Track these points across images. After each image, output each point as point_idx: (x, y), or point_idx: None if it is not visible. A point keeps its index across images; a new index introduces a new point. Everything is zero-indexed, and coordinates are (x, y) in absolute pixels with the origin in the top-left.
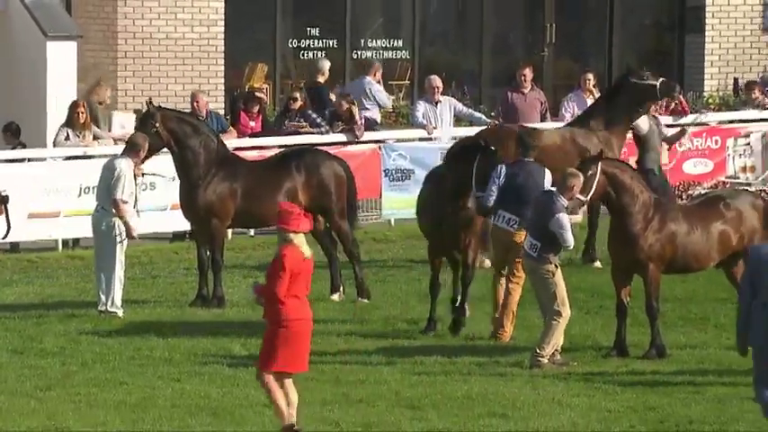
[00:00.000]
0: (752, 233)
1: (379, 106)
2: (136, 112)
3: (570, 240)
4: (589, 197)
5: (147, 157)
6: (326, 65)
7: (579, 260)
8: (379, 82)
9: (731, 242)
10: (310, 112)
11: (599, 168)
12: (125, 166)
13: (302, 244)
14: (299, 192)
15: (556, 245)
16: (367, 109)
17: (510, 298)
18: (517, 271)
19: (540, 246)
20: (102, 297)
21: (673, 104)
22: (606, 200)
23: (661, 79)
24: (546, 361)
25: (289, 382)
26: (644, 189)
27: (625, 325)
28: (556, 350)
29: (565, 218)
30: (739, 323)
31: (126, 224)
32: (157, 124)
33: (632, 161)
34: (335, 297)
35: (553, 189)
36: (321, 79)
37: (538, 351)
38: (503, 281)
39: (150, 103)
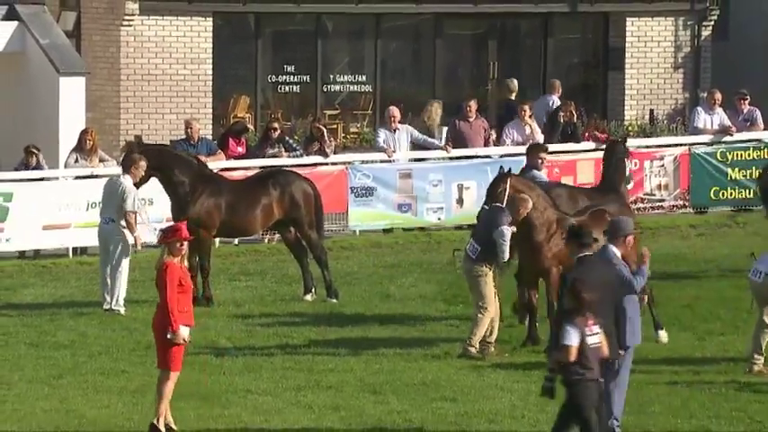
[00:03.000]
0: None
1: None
2: (136, 137)
3: (506, 253)
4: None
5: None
6: (515, 84)
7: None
8: (560, 99)
9: None
10: (287, 138)
11: (508, 184)
12: (129, 182)
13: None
14: (273, 206)
15: (493, 254)
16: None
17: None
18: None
19: (480, 251)
20: (107, 297)
21: (595, 132)
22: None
23: None
24: (474, 350)
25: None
26: (548, 206)
27: (535, 321)
28: (489, 342)
29: (507, 231)
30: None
31: (135, 238)
32: (140, 162)
33: None
34: (308, 297)
35: (502, 206)
36: (512, 96)
37: (468, 341)
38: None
39: (138, 139)
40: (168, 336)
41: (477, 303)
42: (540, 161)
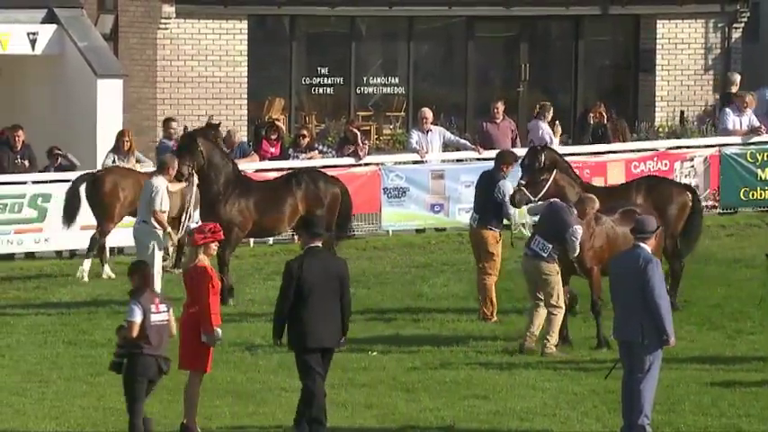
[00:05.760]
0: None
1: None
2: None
3: (577, 250)
4: (538, 198)
5: (191, 174)
6: (737, 77)
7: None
8: None
9: None
10: (317, 144)
11: (552, 176)
12: (160, 183)
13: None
14: (298, 205)
15: (563, 252)
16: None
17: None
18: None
19: (552, 248)
20: None
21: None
22: None
23: None
24: (554, 349)
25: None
26: None
27: (566, 321)
28: (533, 334)
29: (580, 230)
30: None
31: (169, 234)
32: (201, 146)
33: None
34: None
35: (566, 204)
36: (733, 89)
37: (548, 339)
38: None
39: (193, 130)
40: (204, 339)
41: (550, 302)
42: (503, 170)
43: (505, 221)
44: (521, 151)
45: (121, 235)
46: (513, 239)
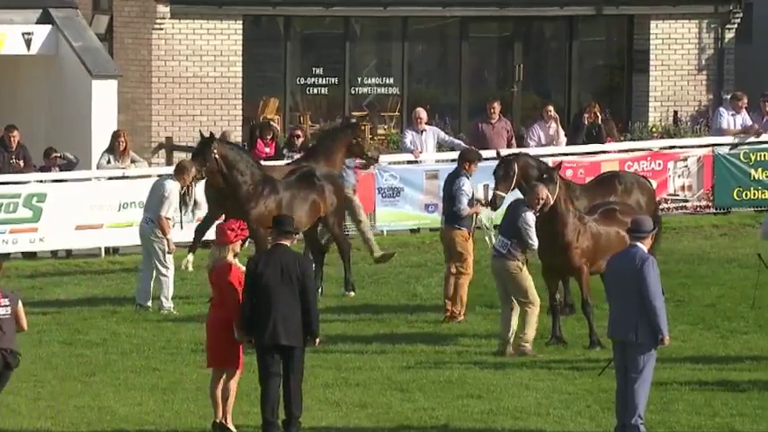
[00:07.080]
0: None
1: None
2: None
3: (534, 239)
4: (553, 200)
5: (201, 178)
6: None
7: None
8: None
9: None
10: (311, 144)
11: (558, 178)
12: (173, 187)
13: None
14: (320, 204)
15: (523, 243)
16: None
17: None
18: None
19: (510, 244)
20: (143, 294)
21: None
22: (553, 206)
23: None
24: (530, 347)
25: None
26: (573, 203)
27: (559, 319)
28: (508, 341)
29: (530, 217)
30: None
31: (168, 240)
32: (215, 150)
33: None
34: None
35: (522, 198)
36: None
37: (522, 336)
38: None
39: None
40: (237, 336)
41: (520, 300)
42: (466, 169)
43: (486, 221)
44: (516, 151)
45: (117, 235)
46: (475, 231)
